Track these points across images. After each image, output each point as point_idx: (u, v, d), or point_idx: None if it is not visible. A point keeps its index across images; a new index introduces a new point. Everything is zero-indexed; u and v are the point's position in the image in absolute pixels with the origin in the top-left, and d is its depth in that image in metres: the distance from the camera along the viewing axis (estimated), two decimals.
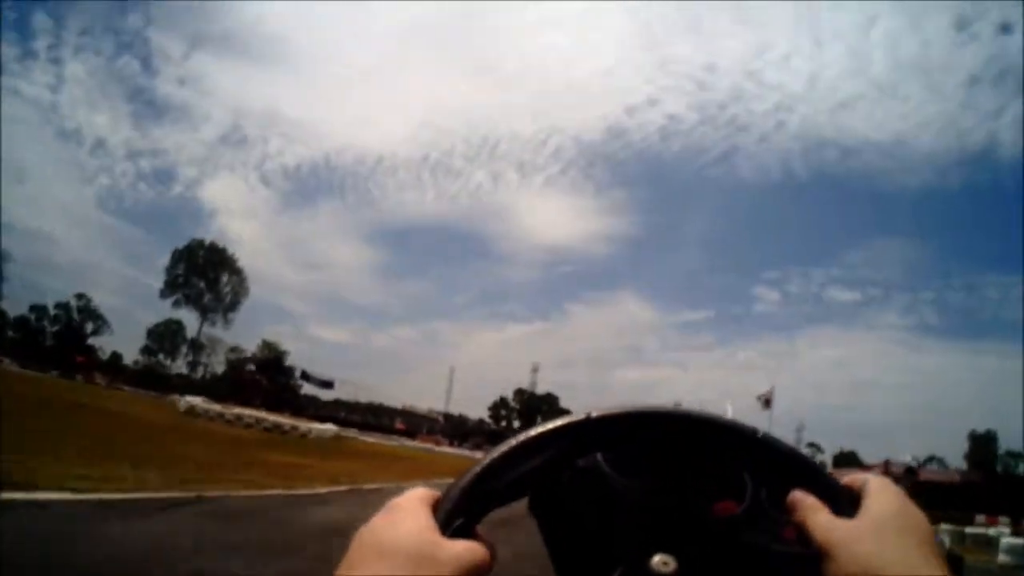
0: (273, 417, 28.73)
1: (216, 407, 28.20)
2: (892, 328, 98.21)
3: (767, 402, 40.84)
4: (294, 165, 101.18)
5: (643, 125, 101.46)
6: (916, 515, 0.42)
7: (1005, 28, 79.20)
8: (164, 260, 73.09)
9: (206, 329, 74.25)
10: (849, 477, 0.46)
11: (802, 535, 0.42)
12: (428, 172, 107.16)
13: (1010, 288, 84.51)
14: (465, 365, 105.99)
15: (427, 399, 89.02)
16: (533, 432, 0.45)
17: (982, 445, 66.90)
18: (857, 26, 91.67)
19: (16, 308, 69.99)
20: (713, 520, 0.49)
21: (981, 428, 67.91)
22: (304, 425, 29.64)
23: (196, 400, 29.52)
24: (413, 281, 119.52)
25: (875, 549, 0.39)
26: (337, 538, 4.00)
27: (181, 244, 73.87)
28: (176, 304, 71.82)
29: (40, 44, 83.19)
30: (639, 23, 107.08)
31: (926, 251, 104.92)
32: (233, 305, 74.45)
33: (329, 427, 37.72)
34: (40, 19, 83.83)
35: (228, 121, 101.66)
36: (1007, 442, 66.10)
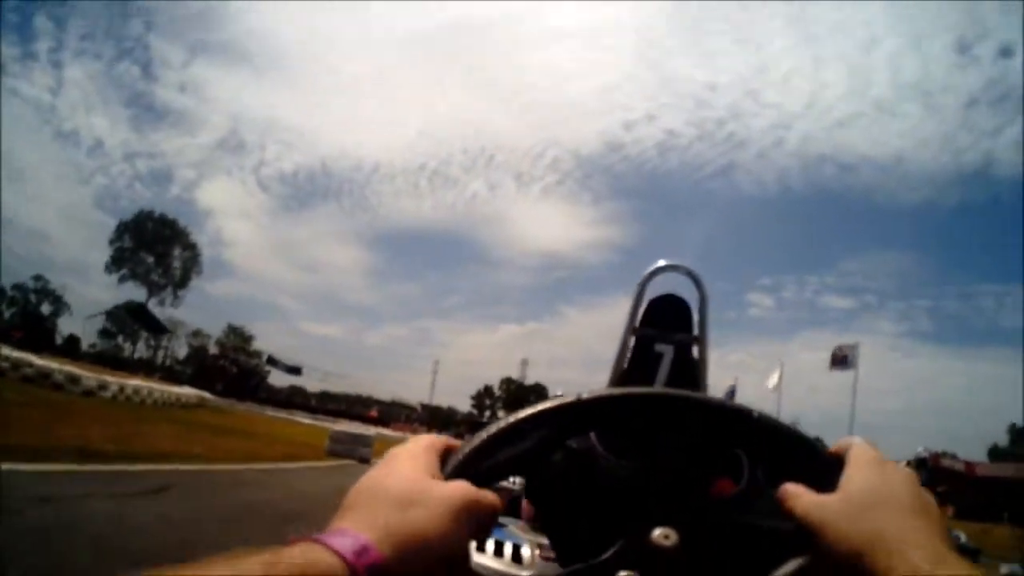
0: (42, 362, 18.87)
1: None
2: (887, 334, 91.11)
3: (844, 359, 27.35)
4: (291, 170, 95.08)
5: (641, 139, 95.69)
6: (896, 483, 0.40)
7: (1005, 52, 74.42)
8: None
9: (170, 312, 65.49)
10: (836, 444, 0.45)
11: (792, 521, 0.41)
12: (425, 180, 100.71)
13: (1002, 297, 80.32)
14: (457, 363, 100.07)
15: (418, 394, 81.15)
16: (524, 413, 0.44)
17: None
18: (858, 47, 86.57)
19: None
20: (711, 499, 0.48)
21: (974, 428, 58.87)
22: (99, 379, 19.69)
23: None
24: (407, 283, 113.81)
25: (852, 528, 0.37)
26: None
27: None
28: (122, 280, 62.38)
29: (41, 47, 76.49)
30: (639, 41, 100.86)
31: (922, 262, 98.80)
32: (183, 281, 64.89)
33: (186, 391, 28.14)
34: (41, 22, 76.89)
35: (226, 126, 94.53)
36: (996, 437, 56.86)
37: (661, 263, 0.85)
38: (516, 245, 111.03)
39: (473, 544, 0.40)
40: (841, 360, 27.32)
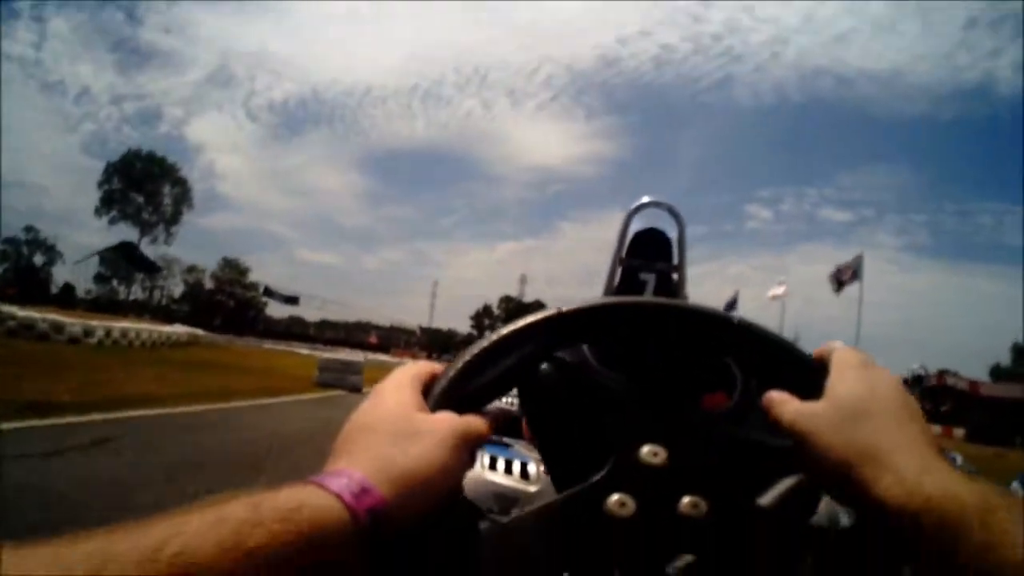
0: (25, 313, 18.34)
1: None
2: (885, 247, 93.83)
3: (853, 275, 25.80)
4: (281, 100, 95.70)
5: (636, 54, 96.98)
6: (882, 389, 0.39)
7: None
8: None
9: (163, 250, 64.37)
10: (819, 349, 0.43)
11: (779, 430, 0.40)
12: (418, 101, 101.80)
13: (1001, 215, 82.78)
14: (455, 283, 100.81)
15: (418, 317, 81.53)
16: (506, 330, 0.43)
17: None
18: None
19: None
20: (702, 413, 0.48)
21: (971, 345, 59.18)
22: (84, 325, 19.25)
23: None
24: (403, 204, 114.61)
25: (839, 437, 0.36)
26: None
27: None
28: (112, 221, 60.87)
29: (23, 3, 75.65)
30: None
31: (920, 177, 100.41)
32: (175, 218, 63.37)
33: (178, 329, 27.81)
34: None
35: (214, 62, 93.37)
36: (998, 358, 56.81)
37: (644, 199, 0.92)
38: (511, 162, 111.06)
39: (487, 461, 0.42)
40: (847, 278, 26.29)
